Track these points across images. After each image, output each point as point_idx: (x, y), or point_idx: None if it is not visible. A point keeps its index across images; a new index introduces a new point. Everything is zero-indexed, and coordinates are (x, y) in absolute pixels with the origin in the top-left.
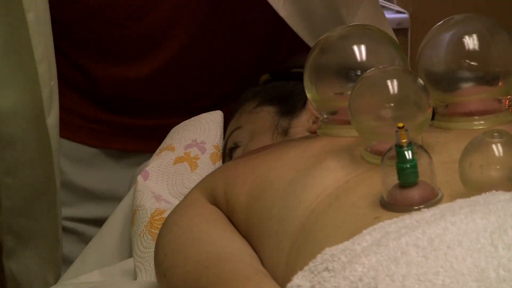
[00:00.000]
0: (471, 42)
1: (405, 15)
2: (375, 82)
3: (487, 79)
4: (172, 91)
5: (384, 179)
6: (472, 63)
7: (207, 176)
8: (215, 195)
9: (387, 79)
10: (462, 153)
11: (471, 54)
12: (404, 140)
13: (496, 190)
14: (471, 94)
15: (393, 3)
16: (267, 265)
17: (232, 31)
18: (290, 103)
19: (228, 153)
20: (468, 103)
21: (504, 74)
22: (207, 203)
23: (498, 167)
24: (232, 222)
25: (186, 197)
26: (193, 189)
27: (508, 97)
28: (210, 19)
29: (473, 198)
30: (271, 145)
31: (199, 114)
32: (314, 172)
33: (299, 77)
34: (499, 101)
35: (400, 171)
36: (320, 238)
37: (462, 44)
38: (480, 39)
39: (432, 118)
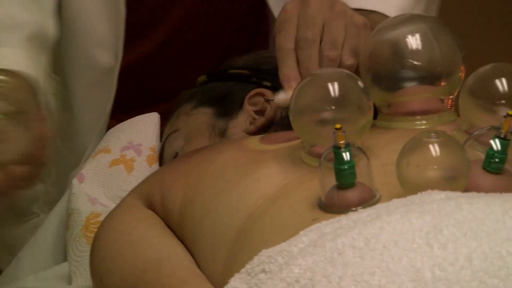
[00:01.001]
0: (414, 41)
1: None
2: (317, 85)
3: (430, 79)
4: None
5: (322, 181)
6: (415, 62)
7: (143, 181)
8: (151, 200)
9: (328, 82)
10: (400, 153)
11: (414, 54)
12: (341, 142)
13: (432, 190)
14: (413, 94)
15: None
16: (204, 271)
17: (221, 22)
18: (227, 104)
19: (167, 159)
20: (411, 102)
21: (447, 74)
22: (144, 208)
23: (435, 167)
24: (169, 227)
25: (122, 201)
26: (129, 193)
27: (451, 97)
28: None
29: (408, 198)
30: (203, 148)
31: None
32: (249, 180)
33: (237, 78)
34: (442, 101)
35: (338, 173)
36: (257, 241)
37: (405, 44)
38: (423, 39)
39: (375, 118)
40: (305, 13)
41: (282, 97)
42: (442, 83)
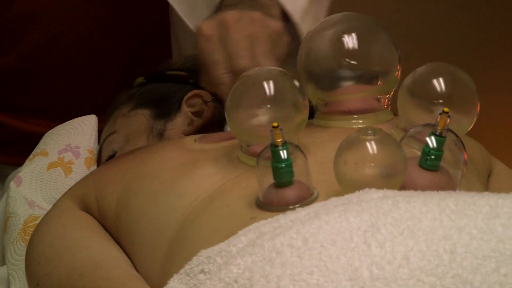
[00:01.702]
0: (350, 40)
1: None
2: (252, 83)
3: (366, 78)
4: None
5: (259, 180)
6: (352, 61)
7: (77, 183)
8: (86, 202)
9: (264, 80)
10: (337, 151)
11: (351, 53)
12: (279, 140)
13: (370, 188)
14: (350, 93)
15: None
16: (142, 272)
17: (103, 28)
18: (165, 105)
19: (105, 161)
20: (348, 101)
21: (384, 73)
22: (78, 210)
23: (372, 164)
24: (105, 228)
25: (55, 205)
26: (62, 197)
27: (387, 96)
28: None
29: (346, 197)
30: (139, 148)
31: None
32: (186, 181)
33: (174, 80)
34: (379, 100)
35: (275, 171)
36: (196, 241)
37: (341, 43)
38: (359, 38)
39: (312, 117)
40: (230, 39)
41: None
42: (378, 82)
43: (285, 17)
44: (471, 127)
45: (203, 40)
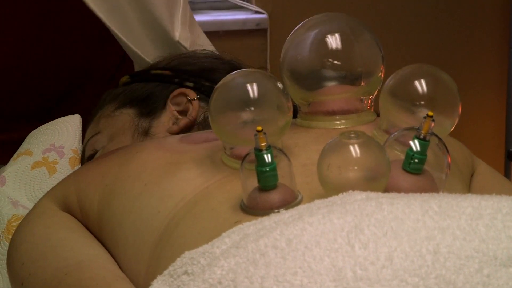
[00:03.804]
0: (334, 41)
1: (264, 16)
2: (235, 86)
3: (349, 78)
4: None
5: (244, 183)
6: (335, 62)
7: (58, 184)
8: (67, 203)
9: (247, 83)
10: (320, 154)
11: (334, 53)
12: (263, 144)
13: (354, 191)
14: (333, 93)
15: (251, 3)
16: (127, 273)
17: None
18: (150, 104)
19: (87, 161)
20: (331, 102)
21: (367, 74)
22: (59, 210)
23: (355, 168)
24: (88, 228)
25: (36, 206)
26: (43, 198)
27: (370, 97)
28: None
29: (330, 199)
30: (120, 148)
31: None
32: (170, 183)
33: (159, 79)
34: (361, 100)
35: (260, 175)
36: (180, 243)
37: (325, 43)
38: (343, 39)
39: (295, 117)
40: None
41: None
42: (361, 83)
43: None
44: (452, 129)
45: None
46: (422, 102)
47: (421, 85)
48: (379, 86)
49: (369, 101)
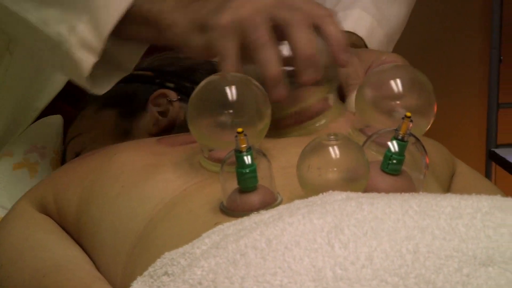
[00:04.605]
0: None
1: None
2: (214, 88)
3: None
4: None
5: (223, 185)
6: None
7: (36, 185)
8: (45, 204)
9: (226, 86)
10: (300, 156)
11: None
12: (243, 145)
13: (334, 191)
14: (308, 98)
15: None
16: (104, 274)
17: None
18: (131, 105)
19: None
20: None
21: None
22: (37, 212)
23: (335, 169)
24: (65, 230)
25: (13, 208)
26: (20, 199)
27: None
28: None
29: (310, 199)
30: (98, 150)
31: None
32: (148, 185)
33: (141, 80)
34: (327, 99)
35: (240, 176)
36: (159, 245)
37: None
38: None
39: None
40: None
41: None
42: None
43: None
44: (428, 128)
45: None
46: (397, 102)
47: (396, 85)
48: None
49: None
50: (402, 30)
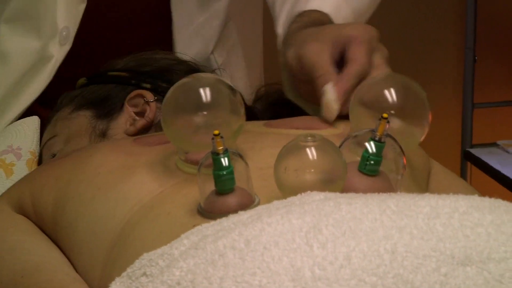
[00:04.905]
0: None
1: None
2: (188, 90)
3: None
4: None
5: (201, 187)
6: None
7: (12, 186)
8: (22, 205)
9: (200, 87)
10: (277, 157)
11: None
12: (220, 148)
13: (312, 191)
14: None
15: None
16: (82, 276)
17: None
18: (107, 105)
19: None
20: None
21: None
22: (14, 213)
23: (312, 170)
24: (43, 231)
25: None
26: None
27: None
28: None
29: (289, 199)
30: (74, 151)
31: None
32: (124, 187)
33: (116, 80)
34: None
35: (217, 178)
36: (137, 246)
37: None
38: None
39: (249, 119)
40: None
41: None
42: None
43: None
44: (423, 138)
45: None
46: (392, 112)
47: (390, 94)
48: None
49: None
50: (374, 8)
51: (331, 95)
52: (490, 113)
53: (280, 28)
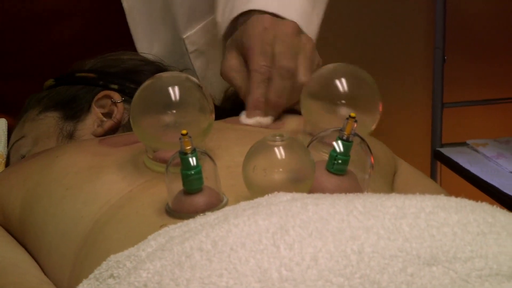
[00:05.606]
0: None
1: None
2: (157, 89)
3: None
4: None
5: (169, 187)
6: None
7: None
8: None
9: (169, 86)
10: (246, 157)
11: None
12: (188, 147)
13: (279, 192)
14: None
15: None
16: (51, 277)
17: None
18: (74, 107)
19: None
20: None
21: None
22: None
23: (280, 170)
24: (10, 233)
25: None
26: None
27: None
28: None
29: (256, 200)
30: (41, 152)
31: None
32: (93, 187)
33: (84, 82)
34: None
35: (185, 178)
36: (105, 247)
37: None
38: None
39: (217, 118)
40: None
41: (250, 121)
42: None
43: None
44: (374, 127)
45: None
46: (343, 101)
47: (341, 84)
48: None
49: None
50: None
51: (250, 121)
52: (459, 112)
53: (220, 17)
